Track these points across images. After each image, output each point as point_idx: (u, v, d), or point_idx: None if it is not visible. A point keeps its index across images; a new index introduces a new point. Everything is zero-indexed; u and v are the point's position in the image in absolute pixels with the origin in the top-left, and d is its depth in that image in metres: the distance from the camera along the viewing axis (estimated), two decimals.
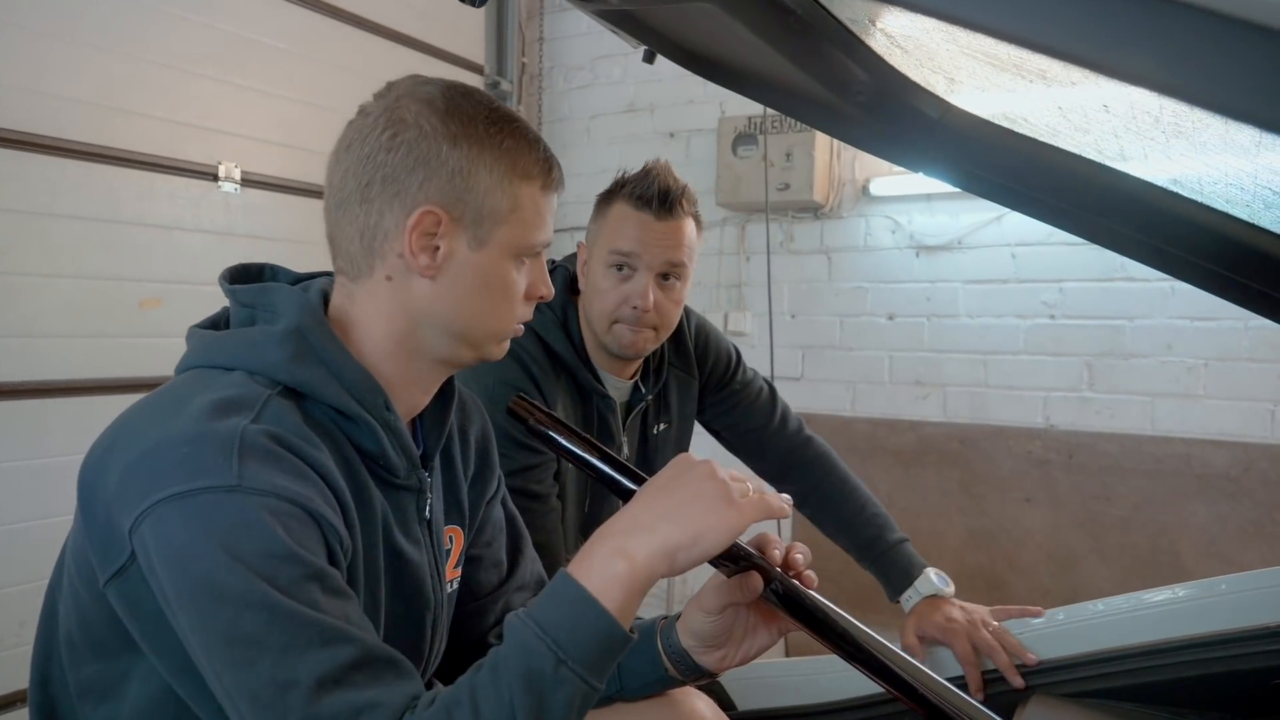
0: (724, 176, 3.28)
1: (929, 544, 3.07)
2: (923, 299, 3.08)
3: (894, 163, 1.26)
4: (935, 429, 3.06)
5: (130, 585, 0.76)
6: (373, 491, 0.87)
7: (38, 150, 2.14)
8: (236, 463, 0.73)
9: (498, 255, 0.89)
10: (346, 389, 0.85)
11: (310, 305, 0.87)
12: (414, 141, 0.86)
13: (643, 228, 1.37)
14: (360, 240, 0.88)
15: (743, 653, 0.91)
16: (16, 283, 2.10)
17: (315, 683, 0.69)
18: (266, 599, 0.70)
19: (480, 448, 1.10)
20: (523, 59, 3.84)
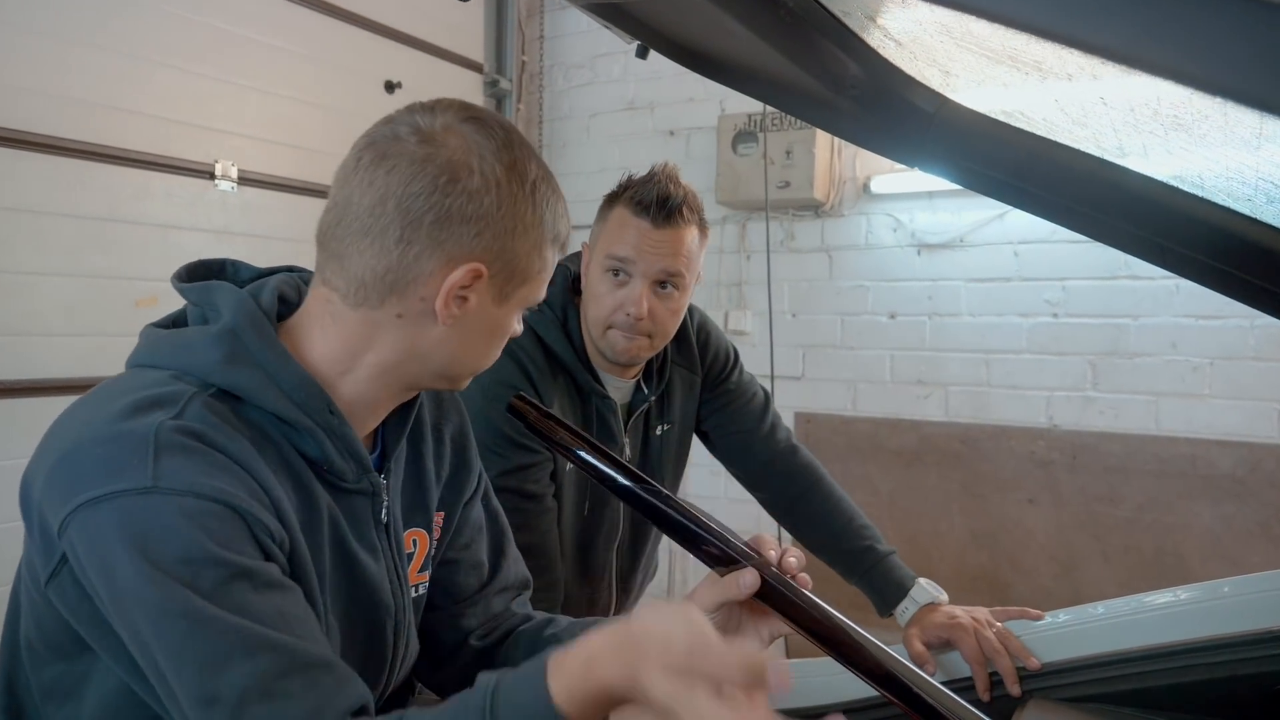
0: (724, 174, 3.26)
1: (930, 545, 3.05)
2: (924, 298, 3.06)
3: (890, 158, 1.24)
4: (937, 429, 3.04)
5: (66, 587, 0.75)
6: (319, 497, 0.85)
7: (34, 149, 2.13)
8: (152, 463, 0.71)
9: (514, 308, 0.89)
10: (285, 393, 0.82)
11: (247, 306, 0.83)
12: (475, 192, 0.81)
13: (640, 234, 1.34)
14: (382, 274, 0.83)
15: None
16: (12, 281, 2.09)
17: (238, 698, 0.67)
18: (186, 607, 0.68)
19: (457, 446, 1.07)
20: (523, 57, 3.82)
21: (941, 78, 1.13)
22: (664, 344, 1.45)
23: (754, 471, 1.61)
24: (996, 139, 1.14)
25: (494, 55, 3.73)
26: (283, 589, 0.74)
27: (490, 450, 1.37)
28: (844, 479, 3.14)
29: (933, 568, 3.02)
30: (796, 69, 1.15)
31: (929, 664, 1.25)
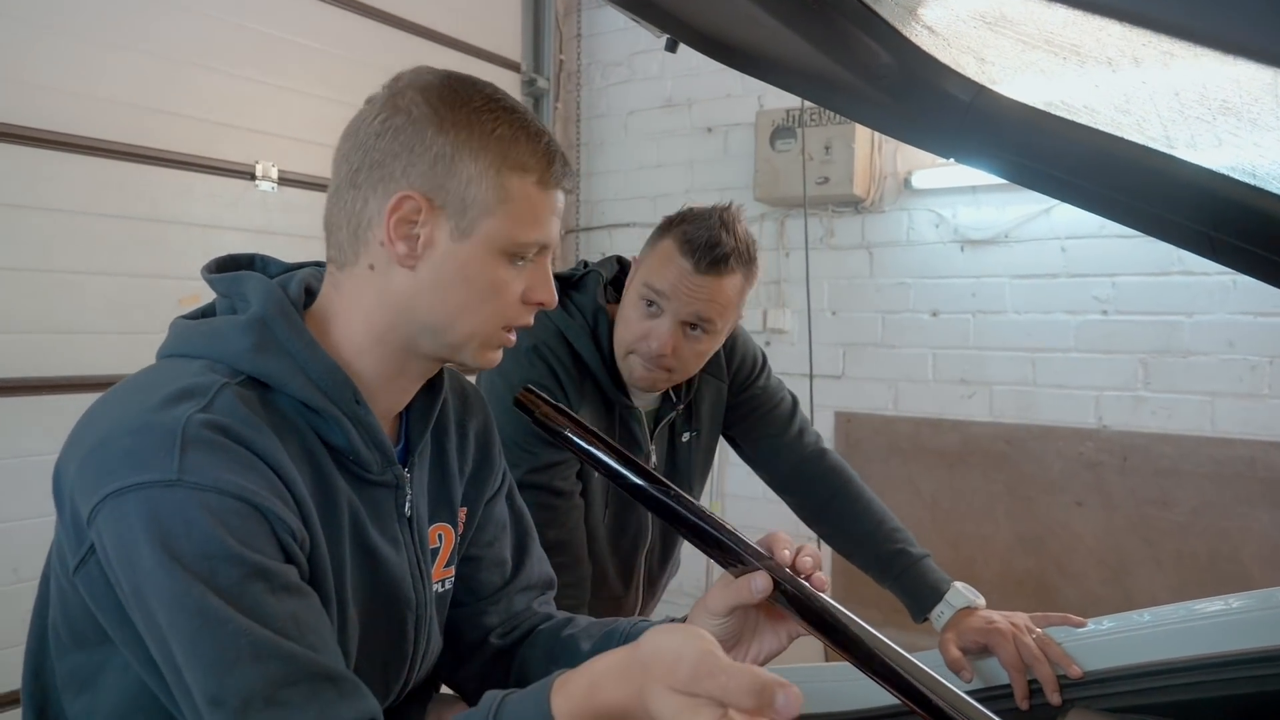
0: (762, 171, 3.22)
1: (974, 549, 2.99)
2: (967, 295, 2.99)
3: (925, 149, 1.20)
4: (981, 429, 2.97)
5: (93, 575, 0.75)
6: (339, 487, 0.84)
7: (80, 151, 2.17)
8: (178, 455, 0.71)
9: (483, 249, 0.84)
10: (312, 381, 0.82)
11: (276, 295, 0.85)
12: (402, 126, 0.83)
13: (679, 274, 1.32)
14: (348, 227, 0.86)
15: (750, 659, 0.86)
16: (60, 280, 2.13)
17: (242, 702, 0.67)
18: (201, 603, 0.68)
19: (481, 443, 1.07)
20: (560, 56, 3.82)
21: (977, 65, 1.09)
22: (682, 379, 1.43)
23: (782, 475, 1.58)
24: (1036, 128, 1.10)
25: (531, 54, 3.73)
26: (299, 594, 0.74)
27: (519, 447, 1.36)
28: (885, 480, 3.10)
29: (977, 572, 2.96)
30: (825, 59, 1.12)
31: (965, 670, 1.21)
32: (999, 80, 1.11)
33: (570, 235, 3.86)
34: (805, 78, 1.24)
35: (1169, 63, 0.86)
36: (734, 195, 3.46)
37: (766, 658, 0.86)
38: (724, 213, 1.34)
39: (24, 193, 2.08)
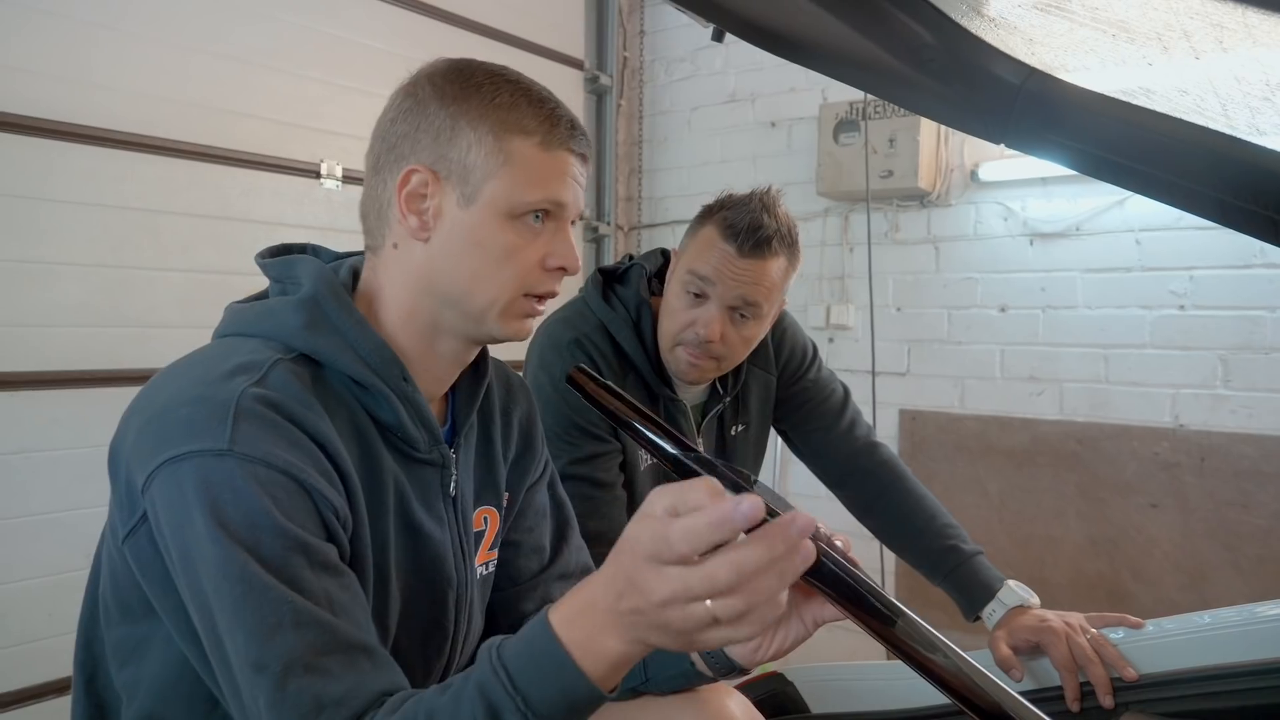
0: (825, 165, 3.18)
1: (1044, 550, 2.90)
2: (1037, 289, 2.90)
3: (975, 135, 1.17)
4: (1051, 428, 2.88)
5: (142, 544, 0.78)
6: (385, 463, 0.87)
7: (152, 151, 2.26)
8: (230, 427, 0.74)
9: (488, 213, 0.86)
10: (361, 358, 0.85)
11: (327, 276, 0.88)
12: (410, 109, 0.87)
13: (723, 259, 1.31)
14: (374, 211, 0.90)
15: (776, 645, 0.84)
16: (134, 276, 2.22)
17: (283, 667, 0.68)
18: (244, 570, 0.70)
19: (524, 430, 1.09)
20: (624, 53, 3.83)
21: (1026, 47, 1.06)
22: (731, 368, 1.42)
23: (833, 469, 1.56)
24: (1091, 111, 1.06)
25: (594, 51, 3.75)
26: (336, 573, 0.76)
27: (561, 439, 1.37)
28: (950, 480, 3.04)
29: (1046, 574, 2.87)
30: (870, 43, 1.10)
31: (1015, 669, 1.18)
32: (1051, 63, 1.07)
33: (633, 232, 3.87)
34: (850, 63, 1.22)
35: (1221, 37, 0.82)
36: (797, 190, 3.44)
37: (792, 645, 0.85)
38: (764, 196, 1.34)
39: (98, 192, 2.17)
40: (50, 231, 2.09)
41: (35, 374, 2.03)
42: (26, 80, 2.05)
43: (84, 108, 2.14)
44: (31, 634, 1.98)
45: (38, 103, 2.06)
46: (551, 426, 1.39)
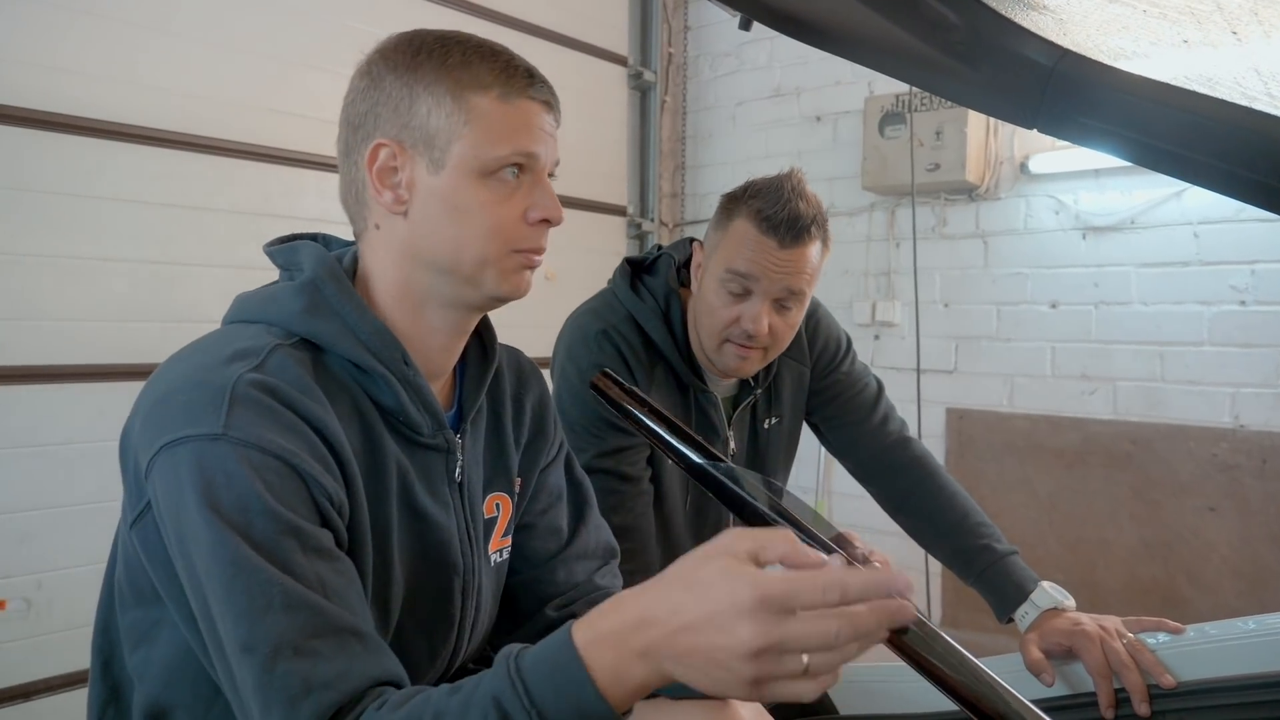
0: (870, 159, 3.13)
1: (1095, 554, 2.82)
2: (1089, 285, 2.82)
3: (1005, 120, 1.14)
4: (1103, 427, 2.80)
5: (148, 530, 0.78)
6: (388, 448, 0.86)
7: (196, 150, 2.31)
8: (226, 412, 0.74)
9: (460, 175, 0.85)
10: (361, 341, 0.84)
11: (327, 261, 0.88)
12: (367, 87, 0.87)
13: (765, 253, 1.28)
14: (353, 196, 0.89)
15: None
16: (180, 272, 2.27)
17: (272, 649, 0.68)
18: (236, 553, 0.70)
19: (536, 415, 1.08)
20: (669, 49, 3.81)
21: (1058, 28, 1.02)
22: (776, 355, 1.40)
23: (864, 464, 1.53)
24: (1127, 92, 1.02)
25: (638, 47, 3.73)
26: (330, 558, 0.75)
27: (587, 432, 1.36)
28: (999, 480, 2.96)
29: (1098, 578, 2.79)
30: (894, 27, 1.07)
31: (1046, 673, 1.13)
32: (1083, 44, 1.03)
33: (677, 229, 3.85)
34: (875, 48, 1.19)
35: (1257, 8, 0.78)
36: (842, 185, 3.39)
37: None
38: (792, 181, 1.31)
39: (145, 190, 2.23)
40: (99, 228, 2.15)
41: (84, 367, 2.09)
42: (76, 82, 2.11)
43: (131, 108, 2.19)
44: (78, 620, 2.04)
45: (87, 103, 2.12)
46: (578, 419, 1.38)
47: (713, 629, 0.59)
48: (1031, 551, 3.04)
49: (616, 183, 3.63)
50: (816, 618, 0.58)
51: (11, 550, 2.01)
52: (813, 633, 0.58)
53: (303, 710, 0.67)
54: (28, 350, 2.04)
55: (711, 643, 0.59)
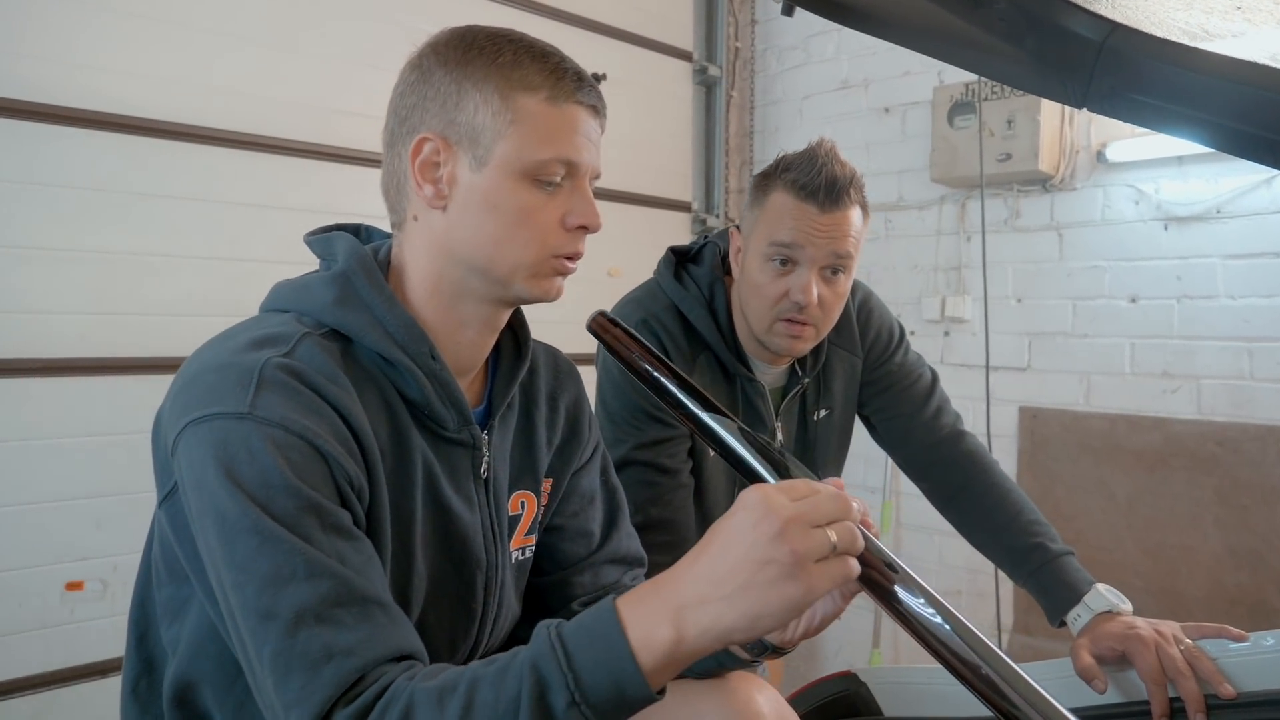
0: (939, 150, 3.04)
1: (1178, 560, 2.69)
2: (1172, 278, 2.69)
3: (1055, 99, 1.09)
4: (1186, 428, 2.66)
5: (175, 508, 0.81)
6: (414, 441, 0.87)
7: (264, 150, 2.38)
8: (252, 392, 0.76)
9: (502, 175, 0.85)
10: (389, 334, 0.85)
11: (360, 252, 0.89)
12: (416, 80, 0.88)
13: (806, 220, 1.27)
14: (394, 187, 0.91)
15: (805, 622, 0.81)
16: (246, 269, 2.34)
17: (294, 616, 0.69)
18: (258, 525, 0.71)
19: (571, 416, 1.08)
20: (736, 44, 3.78)
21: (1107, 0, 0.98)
22: (827, 331, 1.38)
23: (915, 458, 1.48)
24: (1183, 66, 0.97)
25: (703, 42, 3.71)
26: (349, 536, 0.76)
27: (627, 424, 1.36)
28: (1074, 482, 2.85)
29: (1180, 587, 2.66)
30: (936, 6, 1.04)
31: (1098, 679, 1.08)
32: (1135, 17, 0.99)
33: None
34: (918, 29, 1.16)
35: None
36: (912, 177, 3.31)
37: (823, 624, 0.81)
38: (824, 148, 1.30)
39: (215, 189, 2.30)
40: (171, 227, 2.23)
41: (158, 359, 2.16)
42: (152, 87, 2.19)
43: (202, 110, 2.27)
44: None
45: (159, 106, 2.20)
46: (618, 411, 1.38)
47: (736, 544, 0.65)
48: (1109, 557, 2.92)
49: (681, 179, 3.61)
50: (822, 497, 0.67)
51: (89, 534, 2.10)
52: (824, 506, 0.66)
53: (324, 675, 0.68)
54: (105, 343, 2.13)
55: (741, 555, 0.64)
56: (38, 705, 2.05)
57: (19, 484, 2.02)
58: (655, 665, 0.65)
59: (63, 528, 2.07)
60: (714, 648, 0.66)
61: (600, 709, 0.64)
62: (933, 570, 3.11)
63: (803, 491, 0.67)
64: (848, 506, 0.67)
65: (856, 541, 0.67)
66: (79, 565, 2.10)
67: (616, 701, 0.65)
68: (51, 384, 2.06)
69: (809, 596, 0.64)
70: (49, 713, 2.06)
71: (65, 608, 2.08)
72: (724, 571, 0.65)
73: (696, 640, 0.65)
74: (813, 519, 0.65)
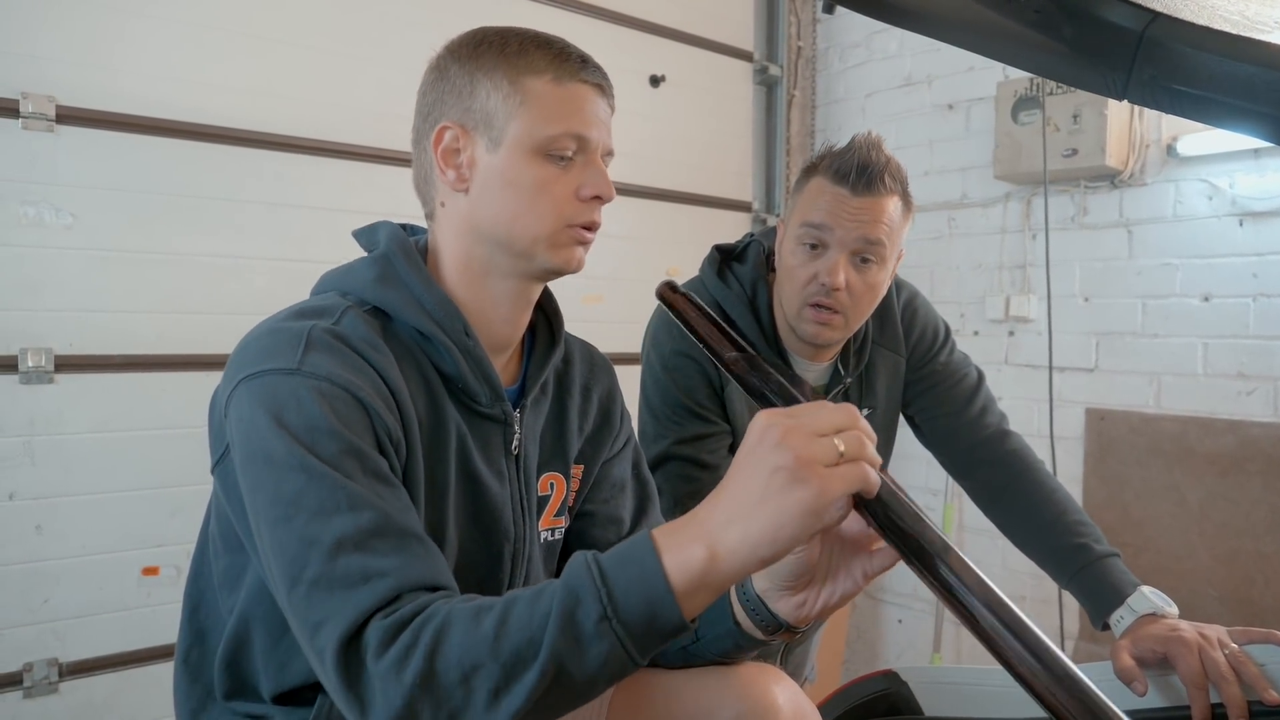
0: (1003, 146, 2.98)
1: (1252, 568, 2.59)
2: (1247, 275, 2.59)
3: (1093, 91, 1.07)
4: (1262, 431, 2.56)
5: (227, 471, 0.85)
6: (449, 412, 0.92)
7: (331, 155, 2.46)
8: (301, 352, 0.81)
9: (516, 153, 0.91)
10: (426, 311, 0.91)
11: (400, 236, 0.96)
12: (435, 79, 0.96)
13: (837, 201, 1.28)
14: (423, 179, 0.98)
15: (823, 599, 0.82)
16: (314, 270, 2.37)
17: (335, 543, 0.72)
18: (305, 464, 0.76)
19: (603, 406, 1.12)
20: (797, 42, 3.76)
21: None
22: (858, 324, 1.37)
23: (959, 457, 1.47)
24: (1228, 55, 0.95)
25: (764, 42, 3.70)
26: (388, 482, 0.81)
27: (669, 419, 1.38)
28: (1143, 487, 2.77)
29: (1254, 596, 2.56)
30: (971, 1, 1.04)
31: (1138, 681, 1.06)
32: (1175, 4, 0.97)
33: None
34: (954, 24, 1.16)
35: None
36: (976, 175, 3.25)
37: (839, 601, 0.82)
38: (867, 138, 1.30)
39: (284, 193, 2.39)
40: (243, 230, 2.33)
41: None
42: (222, 95, 2.29)
43: (271, 118, 2.36)
44: None
45: (232, 115, 2.30)
46: (659, 406, 1.40)
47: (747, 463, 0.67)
48: (1180, 565, 2.82)
49: (741, 179, 3.61)
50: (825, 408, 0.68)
51: (164, 522, 2.21)
52: (825, 415, 0.67)
53: (361, 592, 0.71)
54: (180, 341, 2.24)
55: (752, 471, 0.66)
56: (115, 683, 2.16)
57: (100, 473, 2.13)
58: (688, 587, 0.66)
59: (140, 515, 2.18)
60: (745, 570, 0.67)
61: (632, 628, 0.66)
62: (997, 575, 3.04)
63: (807, 408, 0.68)
64: (853, 416, 0.68)
65: (865, 449, 0.67)
66: (155, 551, 2.21)
67: (648, 622, 0.66)
68: (130, 379, 2.18)
69: (822, 499, 0.64)
70: (125, 690, 2.17)
71: (142, 591, 2.19)
72: (741, 490, 0.66)
73: (728, 560, 0.66)
74: (814, 427, 0.66)
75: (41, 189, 2.06)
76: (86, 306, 2.12)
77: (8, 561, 2.03)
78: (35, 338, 2.06)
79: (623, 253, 2.99)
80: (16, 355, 2.03)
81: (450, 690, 0.66)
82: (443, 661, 0.67)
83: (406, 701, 0.67)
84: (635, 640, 0.66)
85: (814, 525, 0.65)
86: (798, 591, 0.83)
